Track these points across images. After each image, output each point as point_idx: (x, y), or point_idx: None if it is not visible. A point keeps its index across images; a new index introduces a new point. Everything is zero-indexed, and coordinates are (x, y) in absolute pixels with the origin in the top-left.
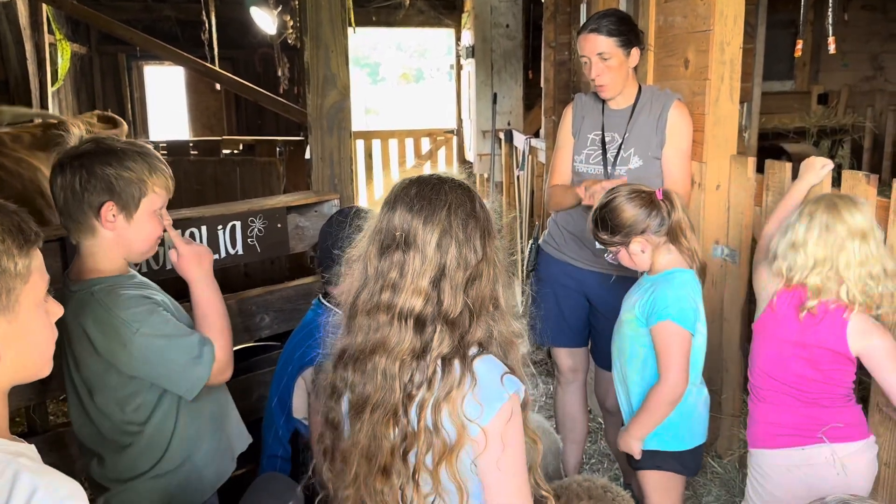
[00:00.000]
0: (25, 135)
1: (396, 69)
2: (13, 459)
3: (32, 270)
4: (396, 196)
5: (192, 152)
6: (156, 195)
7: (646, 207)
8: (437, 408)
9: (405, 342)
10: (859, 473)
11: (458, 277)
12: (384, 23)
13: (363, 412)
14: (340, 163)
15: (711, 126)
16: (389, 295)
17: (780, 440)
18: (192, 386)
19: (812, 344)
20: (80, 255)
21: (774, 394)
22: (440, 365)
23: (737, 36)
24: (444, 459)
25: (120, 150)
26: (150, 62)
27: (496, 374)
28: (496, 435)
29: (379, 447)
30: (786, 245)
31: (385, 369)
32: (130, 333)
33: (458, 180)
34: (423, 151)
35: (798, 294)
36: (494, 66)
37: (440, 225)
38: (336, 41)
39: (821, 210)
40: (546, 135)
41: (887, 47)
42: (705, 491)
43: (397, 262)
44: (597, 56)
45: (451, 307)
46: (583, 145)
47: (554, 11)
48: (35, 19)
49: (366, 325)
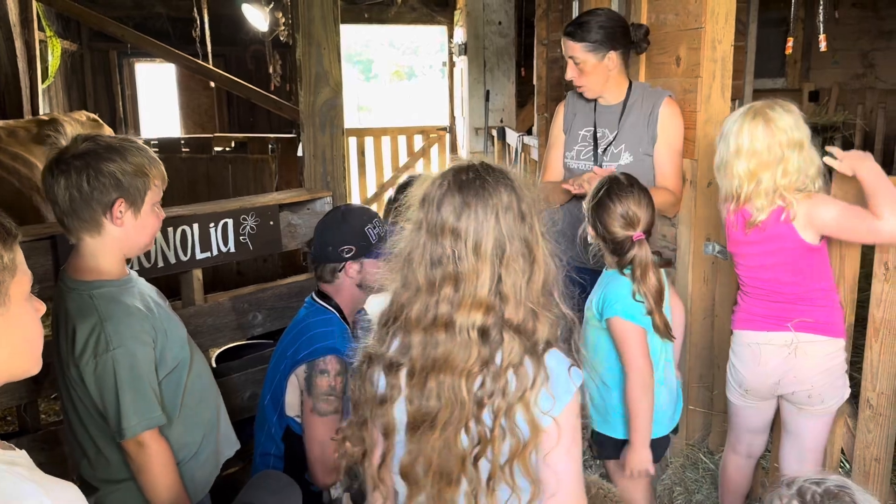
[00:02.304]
0: (21, 130)
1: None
2: (9, 469)
3: (17, 265)
4: (438, 202)
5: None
6: (156, 188)
7: (621, 229)
8: (511, 410)
9: (472, 357)
10: (809, 360)
11: (517, 281)
12: (376, 20)
13: (431, 429)
14: (333, 160)
15: (703, 123)
16: (448, 310)
17: (751, 324)
18: (124, 431)
19: (777, 249)
20: (81, 253)
21: (758, 290)
22: (512, 370)
23: (728, 34)
24: (517, 457)
25: (119, 146)
26: (141, 59)
27: (564, 367)
28: (569, 426)
29: (450, 459)
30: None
31: (452, 386)
32: (106, 348)
33: (496, 170)
34: (415, 149)
35: (743, 213)
36: (487, 64)
37: (491, 233)
38: (328, 38)
39: (756, 122)
40: (538, 132)
41: (878, 45)
42: (696, 487)
43: (450, 276)
44: (570, 59)
45: (514, 313)
46: (574, 142)
47: (546, 9)
48: (25, 16)
49: (422, 340)
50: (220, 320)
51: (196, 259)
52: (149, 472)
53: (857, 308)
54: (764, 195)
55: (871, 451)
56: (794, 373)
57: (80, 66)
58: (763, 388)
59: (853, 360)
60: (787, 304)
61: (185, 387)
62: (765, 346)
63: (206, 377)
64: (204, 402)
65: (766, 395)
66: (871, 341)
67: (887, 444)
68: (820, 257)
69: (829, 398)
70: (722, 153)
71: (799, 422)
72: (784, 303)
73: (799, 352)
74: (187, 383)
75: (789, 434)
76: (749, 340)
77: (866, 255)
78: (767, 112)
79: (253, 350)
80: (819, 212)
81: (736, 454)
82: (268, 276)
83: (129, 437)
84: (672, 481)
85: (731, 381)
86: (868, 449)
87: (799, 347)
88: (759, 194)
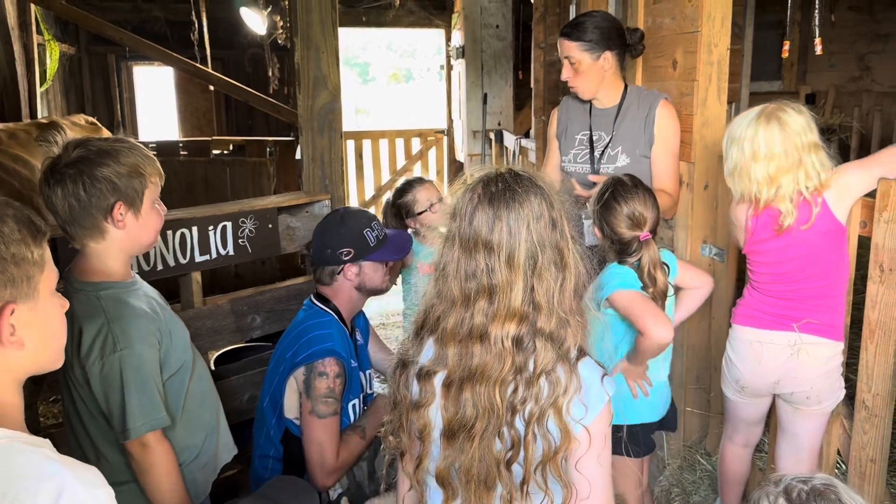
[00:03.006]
0: (21, 132)
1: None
2: (35, 450)
3: (46, 261)
4: (470, 214)
5: (181, 153)
6: (153, 185)
7: (627, 229)
8: (543, 416)
9: (506, 367)
10: (811, 362)
11: (550, 289)
12: (374, 23)
13: (470, 440)
14: (331, 163)
15: (699, 127)
16: (482, 321)
17: (754, 321)
18: (129, 432)
19: (801, 240)
20: (86, 255)
21: (769, 286)
22: (545, 377)
23: (724, 37)
24: (549, 461)
25: (111, 148)
26: (139, 62)
27: (597, 376)
28: (600, 434)
29: (487, 466)
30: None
31: (487, 396)
32: (114, 348)
33: (526, 178)
34: (413, 151)
35: (770, 214)
36: (485, 67)
37: (523, 245)
38: (326, 42)
39: (771, 126)
40: (536, 135)
41: (874, 48)
42: (694, 489)
43: (485, 289)
44: (565, 59)
45: (547, 321)
46: (570, 145)
47: (543, 12)
48: (23, 20)
49: (458, 352)
50: (219, 323)
51: (195, 262)
52: (153, 473)
53: (853, 310)
54: (788, 199)
55: (867, 452)
56: (794, 373)
57: (79, 69)
58: (760, 387)
59: (849, 362)
60: (796, 303)
61: (188, 389)
62: (768, 345)
63: (206, 380)
64: (205, 405)
65: (762, 393)
66: (866, 343)
67: (883, 445)
68: (840, 247)
69: (825, 399)
70: (736, 158)
71: (795, 422)
72: (794, 300)
73: (802, 353)
74: (189, 386)
75: (786, 434)
76: (751, 338)
77: (862, 257)
78: (780, 115)
79: (251, 352)
80: (845, 178)
81: (733, 444)
82: (266, 278)
83: (133, 438)
84: (669, 483)
85: (727, 376)
86: (864, 450)
87: (802, 349)
88: (783, 199)
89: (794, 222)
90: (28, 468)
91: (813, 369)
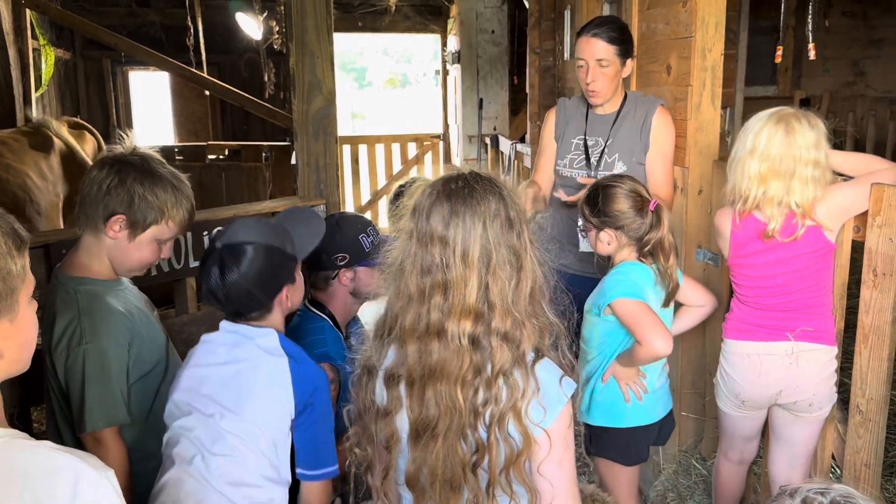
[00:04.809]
0: (11, 140)
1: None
2: (40, 444)
3: (26, 271)
4: (428, 211)
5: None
6: (167, 228)
7: (636, 211)
8: (503, 419)
9: (465, 364)
10: (811, 369)
11: (504, 288)
12: (370, 28)
13: (434, 439)
14: (326, 168)
15: (693, 132)
16: (438, 318)
17: (748, 334)
18: (84, 424)
19: (792, 257)
20: (78, 248)
21: (760, 300)
22: (503, 378)
23: (718, 42)
24: (512, 465)
25: (158, 175)
26: (135, 67)
27: (556, 378)
28: (560, 436)
29: (452, 466)
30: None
31: (448, 393)
32: (80, 341)
33: (486, 179)
34: (409, 156)
35: (753, 222)
36: (480, 72)
37: (478, 242)
38: (321, 47)
39: (777, 128)
40: (532, 140)
41: (868, 53)
42: (689, 493)
43: (439, 284)
44: (595, 61)
45: (502, 320)
46: (567, 150)
47: (538, 18)
48: (18, 24)
49: (417, 349)
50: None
51: (189, 267)
52: None
53: (847, 314)
54: (774, 204)
55: (862, 456)
56: (796, 382)
57: (74, 74)
58: (762, 399)
59: (843, 366)
60: (790, 314)
61: (158, 393)
62: (766, 357)
63: None
64: None
65: (763, 406)
66: (860, 347)
67: (877, 450)
68: (828, 263)
69: (826, 405)
70: (738, 149)
71: (793, 429)
72: (787, 311)
73: (801, 361)
74: (160, 389)
75: (781, 441)
76: (748, 351)
77: (856, 261)
78: (792, 121)
79: None
80: (835, 198)
81: (728, 461)
82: None
83: (88, 431)
84: (665, 487)
85: (724, 391)
86: (858, 454)
87: (800, 357)
88: (768, 202)
89: (780, 232)
90: (37, 463)
91: (813, 376)
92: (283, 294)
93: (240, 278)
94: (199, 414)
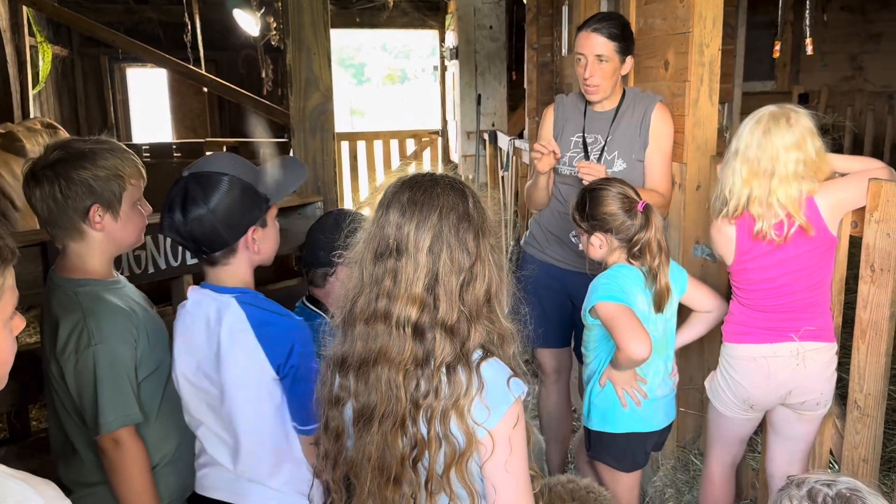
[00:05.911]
0: None
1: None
2: None
3: (6, 290)
4: (389, 200)
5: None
6: (133, 187)
7: (625, 213)
8: (445, 416)
9: (406, 351)
10: (816, 368)
11: (452, 282)
12: (368, 24)
13: (371, 423)
14: (323, 165)
15: (691, 127)
16: (385, 303)
17: (752, 337)
18: (100, 427)
19: (792, 257)
20: (66, 254)
21: (761, 303)
22: (445, 373)
23: (716, 38)
24: (454, 465)
25: (90, 150)
26: (132, 64)
27: (502, 378)
28: (504, 438)
29: (389, 457)
30: None
31: (389, 379)
32: (88, 343)
33: (452, 178)
34: (408, 152)
35: (748, 224)
36: (478, 68)
37: (431, 230)
38: (318, 44)
39: (757, 129)
40: (530, 136)
41: (866, 48)
42: (687, 489)
43: (391, 270)
44: (594, 57)
45: (448, 314)
46: (566, 147)
47: (536, 13)
48: (15, 21)
49: (364, 333)
50: None
51: (187, 264)
52: (122, 471)
53: (845, 309)
54: (762, 205)
55: (860, 451)
56: (805, 382)
57: (71, 71)
58: (771, 401)
59: (841, 361)
60: (792, 314)
61: (165, 391)
62: (772, 359)
63: None
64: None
65: (770, 407)
66: (858, 343)
67: (875, 445)
68: (830, 259)
69: (830, 402)
70: (727, 152)
71: (796, 427)
72: (790, 312)
73: (807, 360)
74: (167, 388)
75: (781, 437)
76: (753, 354)
77: (853, 256)
78: (769, 122)
79: None
80: (837, 193)
81: (722, 464)
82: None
83: (105, 433)
84: (663, 483)
85: (727, 395)
86: (856, 450)
87: (807, 357)
88: (753, 202)
89: (773, 232)
90: None
91: (819, 374)
92: (250, 235)
93: (206, 211)
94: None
